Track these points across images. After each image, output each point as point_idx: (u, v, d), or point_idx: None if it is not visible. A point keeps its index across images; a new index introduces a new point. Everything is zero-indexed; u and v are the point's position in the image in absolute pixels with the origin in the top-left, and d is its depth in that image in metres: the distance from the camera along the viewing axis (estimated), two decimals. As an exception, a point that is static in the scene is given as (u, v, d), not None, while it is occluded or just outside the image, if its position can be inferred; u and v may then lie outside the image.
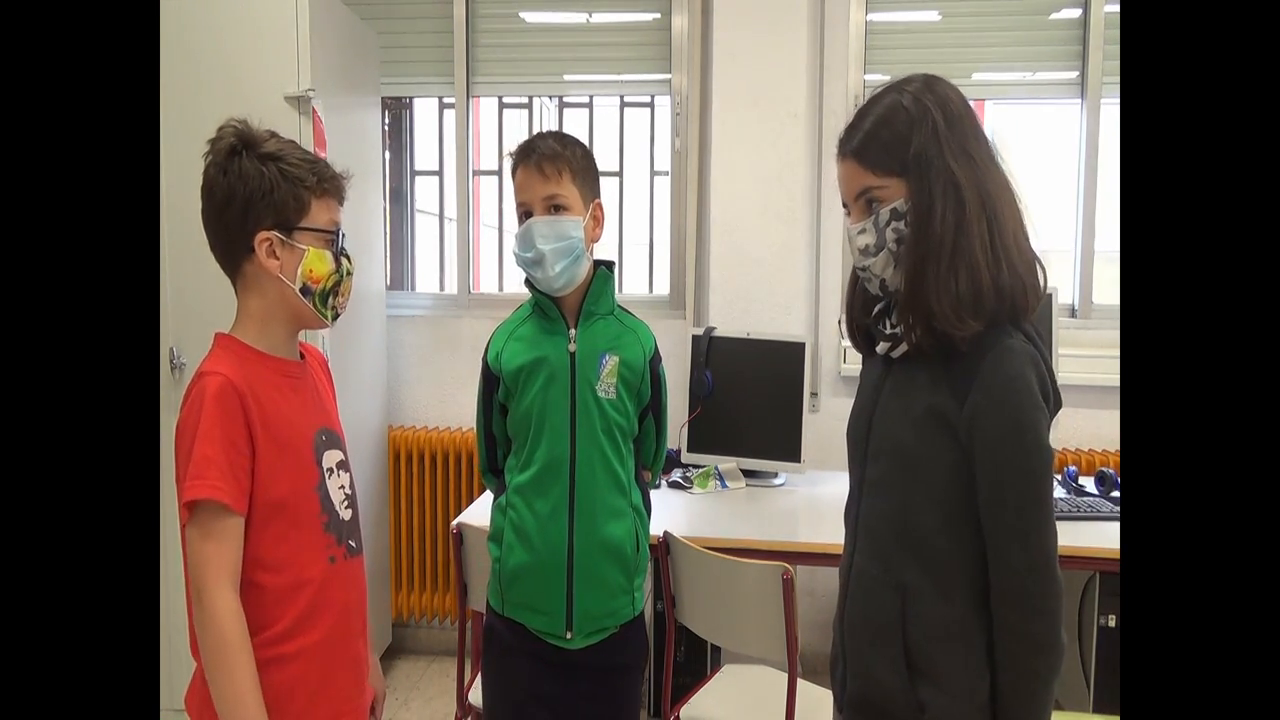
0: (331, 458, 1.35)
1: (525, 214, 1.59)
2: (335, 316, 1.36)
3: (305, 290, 1.30)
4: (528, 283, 1.64)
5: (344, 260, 1.34)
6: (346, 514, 1.36)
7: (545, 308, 1.62)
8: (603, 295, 1.65)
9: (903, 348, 1.21)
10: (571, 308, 1.62)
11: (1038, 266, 1.18)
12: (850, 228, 1.22)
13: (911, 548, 1.19)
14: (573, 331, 1.61)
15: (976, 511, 1.14)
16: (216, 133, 1.29)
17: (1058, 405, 1.17)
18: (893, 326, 1.23)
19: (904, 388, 1.21)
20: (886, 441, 1.22)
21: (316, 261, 1.29)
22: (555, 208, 1.57)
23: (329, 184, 1.31)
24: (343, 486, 1.36)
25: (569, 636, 1.59)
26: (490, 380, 1.65)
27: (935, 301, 1.12)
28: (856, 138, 1.19)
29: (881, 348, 1.25)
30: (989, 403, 1.12)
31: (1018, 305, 1.15)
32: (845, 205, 1.24)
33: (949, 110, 1.16)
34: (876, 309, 1.28)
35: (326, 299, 1.33)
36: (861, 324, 1.31)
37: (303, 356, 1.41)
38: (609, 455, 1.60)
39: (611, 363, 1.62)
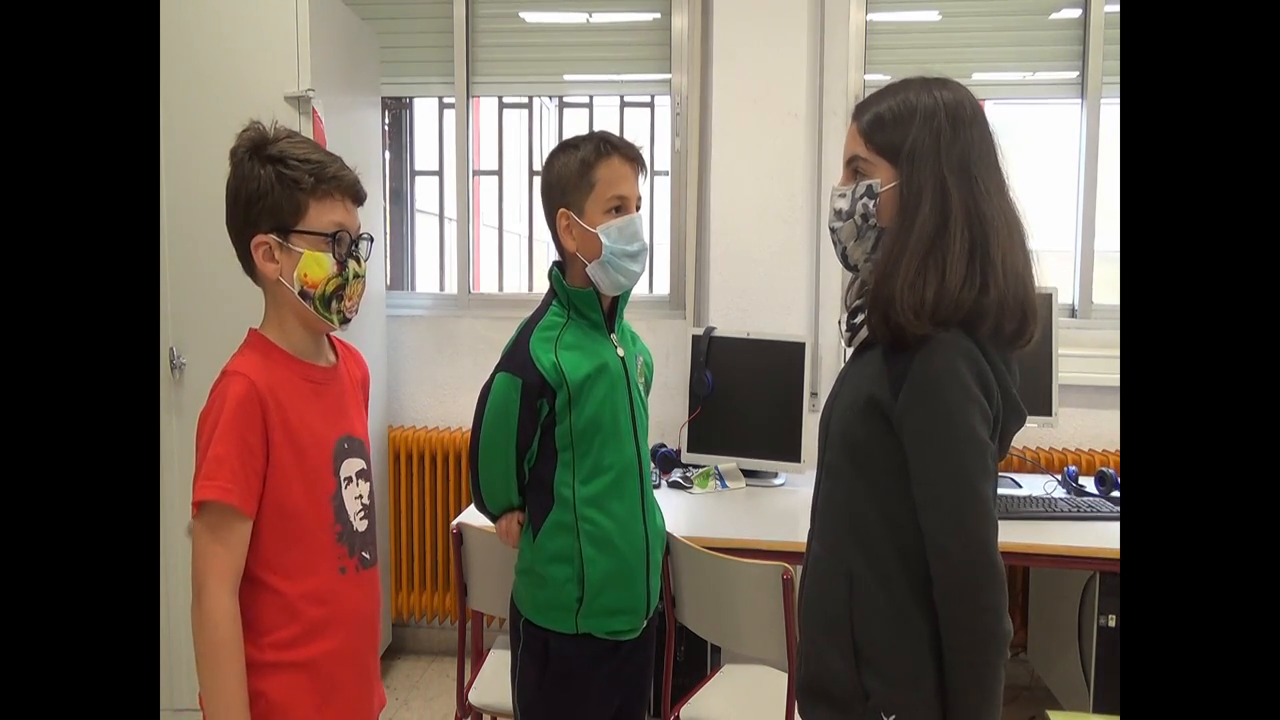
0: (351, 466, 1.34)
1: (616, 207, 1.55)
2: (344, 320, 1.32)
3: (304, 294, 1.28)
4: (559, 281, 1.59)
5: (351, 263, 1.30)
6: (362, 525, 1.35)
7: (589, 311, 1.58)
8: (627, 300, 1.66)
9: (859, 336, 1.24)
10: (608, 311, 1.62)
11: (1032, 304, 1.17)
12: (833, 188, 1.27)
13: (856, 537, 1.21)
14: (614, 336, 1.62)
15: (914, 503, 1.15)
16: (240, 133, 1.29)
17: (1015, 412, 1.18)
18: (856, 319, 1.26)
19: (855, 378, 1.24)
20: (838, 431, 1.25)
21: (312, 265, 1.27)
22: (637, 208, 1.60)
23: (329, 184, 1.27)
24: (360, 496, 1.35)
25: (643, 626, 1.64)
26: (542, 392, 1.51)
27: (899, 295, 1.13)
28: (869, 110, 1.23)
29: (846, 338, 1.29)
30: (918, 394, 1.13)
31: (978, 320, 1.14)
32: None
33: (959, 126, 1.17)
34: (854, 305, 1.31)
35: (329, 303, 1.29)
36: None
37: (337, 357, 1.40)
38: (649, 452, 1.68)
39: (640, 363, 1.70)
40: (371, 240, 1.35)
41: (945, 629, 1.14)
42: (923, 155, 1.16)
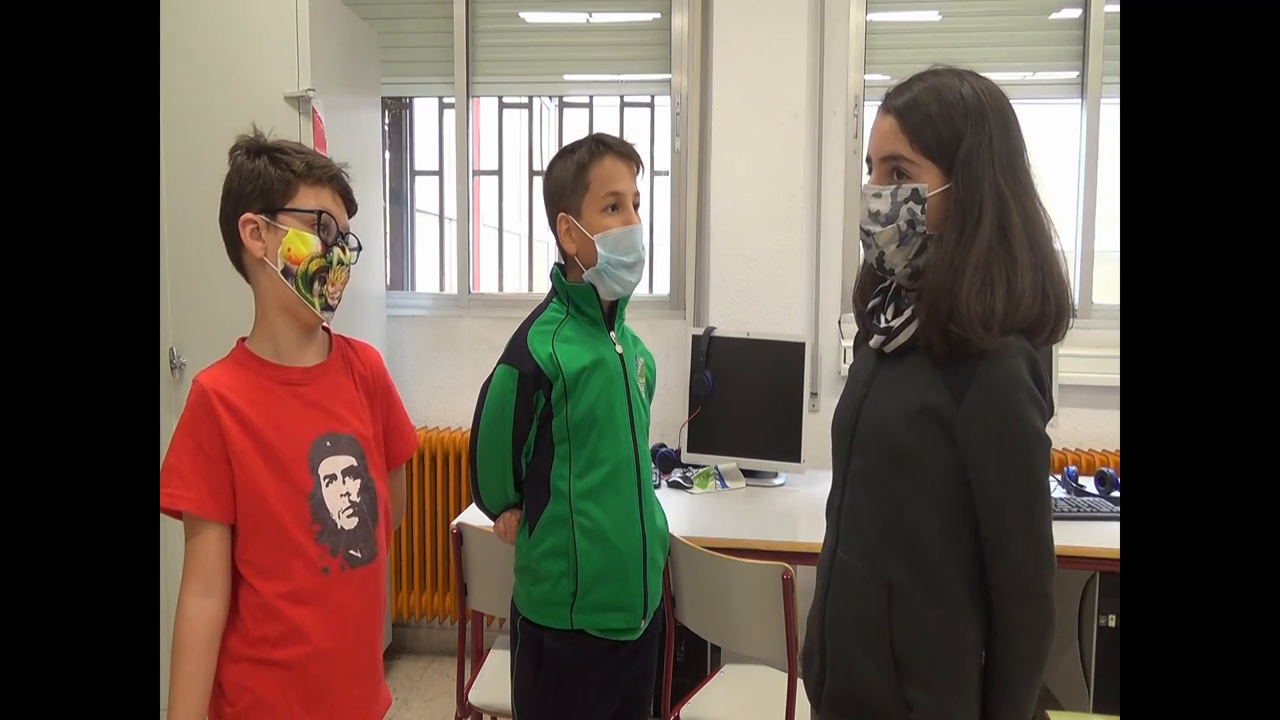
0: (335, 464, 1.33)
1: (612, 205, 1.55)
2: (326, 307, 1.32)
3: (287, 273, 1.28)
4: (559, 279, 1.61)
5: (336, 250, 1.31)
6: (350, 523, 1.33)
7: (588, 307, 1.59)
8: (627, 301, 1.66)
9: (898, 341, 1.19)
10: (608, 310, 1.63)
11: (1071, 304, 1.18)
12: (866, 187, 1.19)
13: (898, 545, 1.17)
14: (613, 334, 1.62)
15: (971, 510, 1.13)
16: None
17: (1050, 409, 1.17)
18: (888, 321, 1.22)
19: (896, 384, 1.19)
20: (875, 437, 1.21)
21: (296, 241, 1.27)
22: (635, 208, 1.59)
23: (320, 171, 1.31)
24: (347, 494, 1.33)
25: (643, 626, 1.62)
26: (537, 383, 1.53)
27: (965, 308, 1.09)
28: (905, 97, 1.16)
29: (875, 341, 1.23)
30: (989, 398, 1.10)
31: (1039, 328, 1.13)
32: (869, 160, 1.21)
33: (1007, 125, 1.15)
34: (872, 303, 1.28)
35: (311, 283, 1.29)
36: (863, 313, 1.30)
37: (331, 352, 1.39)
38: (649, 450, 1.66)
39: (640, 364, 1.69)
40: (359, 248, 1.36)
41: (1004, 627, 1.13)
42: (979, 162, 1.12)
